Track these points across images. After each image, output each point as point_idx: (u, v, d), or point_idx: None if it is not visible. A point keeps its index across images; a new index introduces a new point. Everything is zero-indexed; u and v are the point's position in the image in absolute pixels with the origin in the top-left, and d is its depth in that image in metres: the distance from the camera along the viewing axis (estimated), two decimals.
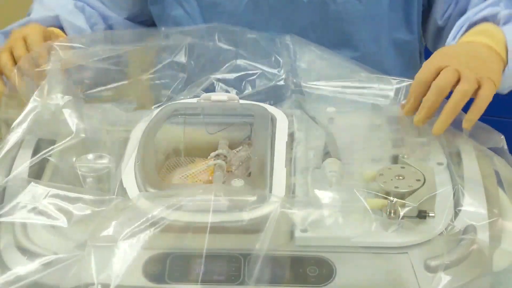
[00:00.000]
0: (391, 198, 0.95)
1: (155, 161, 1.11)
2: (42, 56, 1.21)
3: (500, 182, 1.06)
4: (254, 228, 0.92)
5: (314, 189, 1.01)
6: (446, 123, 1.08)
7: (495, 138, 1.13)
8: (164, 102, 1.25)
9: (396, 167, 1.01)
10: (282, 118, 1.16)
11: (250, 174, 1.06)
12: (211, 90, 1.26)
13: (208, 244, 0.90)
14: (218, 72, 1.29)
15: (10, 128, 1.10)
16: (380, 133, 1.14)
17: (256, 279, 0.90)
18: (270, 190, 0.99)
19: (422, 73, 1.12)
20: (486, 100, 1.09)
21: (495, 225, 0.98)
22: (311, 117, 1.18)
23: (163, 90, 1.28)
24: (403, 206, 0.94)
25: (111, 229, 0.91)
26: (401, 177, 0.98)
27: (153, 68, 1.30)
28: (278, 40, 1.32)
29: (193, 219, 0.93)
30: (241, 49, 1.30)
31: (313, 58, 1.29)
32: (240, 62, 1.29)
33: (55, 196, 0.97)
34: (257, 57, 1.29)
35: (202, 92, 1.25)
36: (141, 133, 1.11)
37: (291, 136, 1.14)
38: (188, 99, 1.23)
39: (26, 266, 0.92)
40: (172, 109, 1.19)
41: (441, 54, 1.17)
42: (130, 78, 1.29)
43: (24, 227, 0.98)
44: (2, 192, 1.02)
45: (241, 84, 1.28)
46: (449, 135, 1.13)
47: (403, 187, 0.96)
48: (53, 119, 1.11)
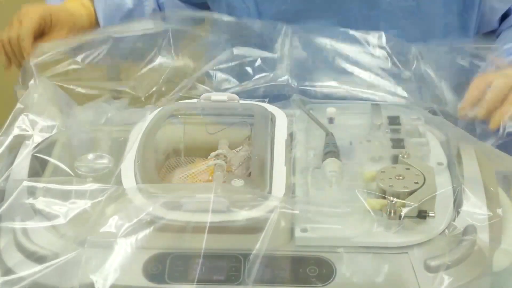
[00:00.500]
0: (391, 198, 0.95)
1: (155, 161, 1.11)
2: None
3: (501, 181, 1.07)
4: (254, 228, 0.92)
5: (314, 189, 1.01)
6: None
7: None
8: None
9: (396, 167, 1.01)
10: (282, 117, 1.16)
11: (250, 174, 1.06)
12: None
13: (208, 244, 0.90)
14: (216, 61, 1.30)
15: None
16: (380, 133, 1.14)
17: (256, 279, 0.90)
18: (270, 190, 0.99)
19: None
20: None
21: (495, 225, 0.98)
22: (311, 117, 1.18)
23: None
24: (403, 206, 0.94)
25: (110, 225, 0.92)
26: (401, 177, 0.98)
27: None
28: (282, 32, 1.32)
29: (192, 219, 0.93)
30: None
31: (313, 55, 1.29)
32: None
33: (52, 192, 0.98)
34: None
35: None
36: (140, 133, 1.11)
37: (291, 136, 1.14)
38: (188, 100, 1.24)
39: (26, 266, 0.92)
40: (172, 109, 1.19)
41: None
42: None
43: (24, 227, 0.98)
44: (2, 192, 1.02)
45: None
46: (449, 135, 1.13)
47: (403, 187, 0.96)
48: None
